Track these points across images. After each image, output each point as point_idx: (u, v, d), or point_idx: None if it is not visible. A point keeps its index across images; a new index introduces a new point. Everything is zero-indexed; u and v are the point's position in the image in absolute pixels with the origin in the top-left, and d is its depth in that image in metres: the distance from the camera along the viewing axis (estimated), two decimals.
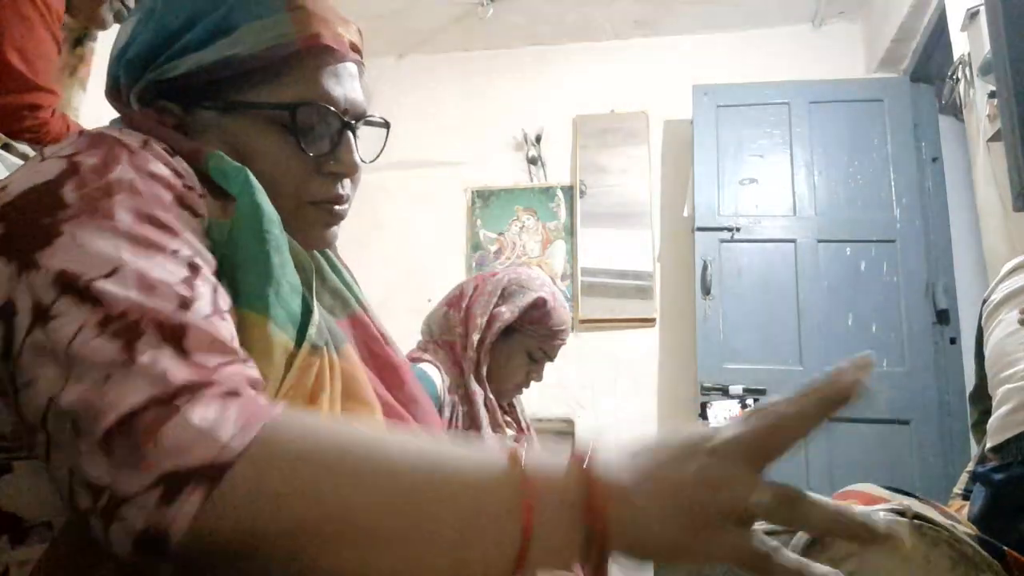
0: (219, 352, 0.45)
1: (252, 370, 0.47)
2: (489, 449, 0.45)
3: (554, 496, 0.42)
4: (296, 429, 0.43)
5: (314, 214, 0.67)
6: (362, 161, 0.69)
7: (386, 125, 0.73)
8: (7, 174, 0.57)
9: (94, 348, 0.42)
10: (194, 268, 0.49)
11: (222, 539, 0.39)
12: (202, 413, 0.41)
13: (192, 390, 0.41)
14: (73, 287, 0.44)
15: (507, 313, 1.42)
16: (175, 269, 0.48)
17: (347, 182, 0.68)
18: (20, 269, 0.46)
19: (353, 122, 0.68)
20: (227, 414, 0.41)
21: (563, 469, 0.43)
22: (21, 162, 1.30)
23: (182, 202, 0.53)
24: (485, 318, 1.42)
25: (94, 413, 0.40)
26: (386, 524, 0.41)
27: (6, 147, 1.35)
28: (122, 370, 0.41)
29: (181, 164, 0.56)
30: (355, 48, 0.68)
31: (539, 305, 1.44)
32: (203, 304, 0.47)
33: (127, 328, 0.43)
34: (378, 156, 0.72)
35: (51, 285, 0.45)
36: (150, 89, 0.64)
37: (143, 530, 0.39)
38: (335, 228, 0.69)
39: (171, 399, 0.41)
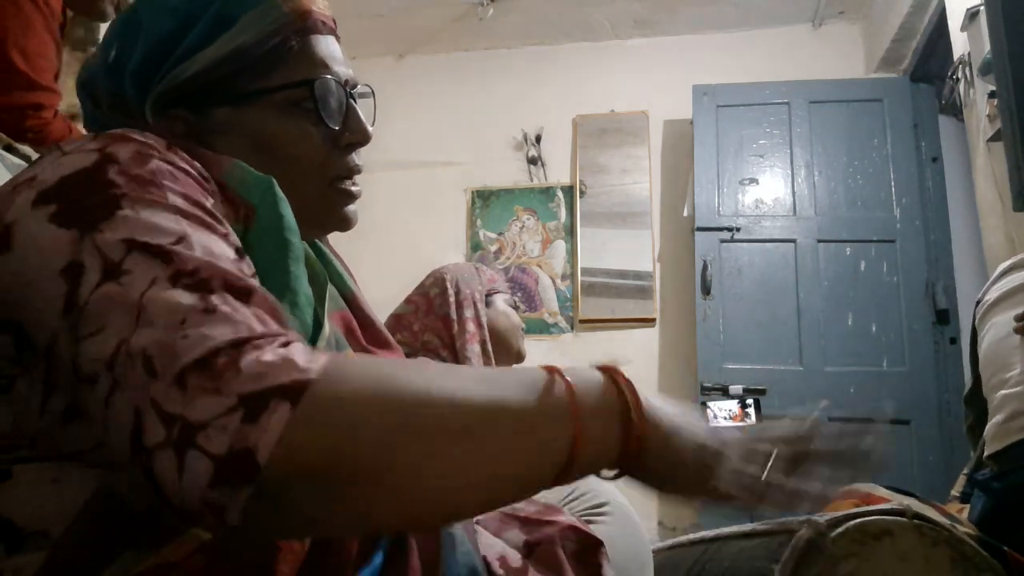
0: (280, 321, 0.46)
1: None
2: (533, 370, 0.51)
3: (600, 412, 0.49)
4: (361, 360, 0.47)
5: (338, 193, 0.69)
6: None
7: (373, 93, 0.75)
8: (9, 176, 0.57)
9: (168, 297, 0.43)
10: (240, 252, 0.50)
11: (307, 459, 0.40)
12: (276, 349, 0.42)
13: (270, 339, 0.43)
14: (143, 246, 0.45)
15: (476, 293, 1.52)
16: (227, 249, 0.49)
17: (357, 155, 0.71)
18: (83, 234, 0.46)
19: (353, 91, 0.70)
20: (298, 348, 0.43)
21: (600, 387, 0.50)
22: (24, 164, 1.30)
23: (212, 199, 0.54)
24: (474, 318, 1.49)
25: (172, 353, 0.41)
26: (451, 427, 0.44)
27: (9, 148, 1.35)
28: (200, 316, 0.42)
29: (200, 168, 0.56)
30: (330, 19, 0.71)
31: (482, 269, 1.59)
32: (253, 282, 0.48)
33: (200, 283, 0.44)
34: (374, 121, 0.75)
35: (120, 244, 0.45)
36: (162, 98, 0.64)
37: (226, 453, 0.38)
38: (355, 207, 0.71)
39: (252, 340, 0.42)
